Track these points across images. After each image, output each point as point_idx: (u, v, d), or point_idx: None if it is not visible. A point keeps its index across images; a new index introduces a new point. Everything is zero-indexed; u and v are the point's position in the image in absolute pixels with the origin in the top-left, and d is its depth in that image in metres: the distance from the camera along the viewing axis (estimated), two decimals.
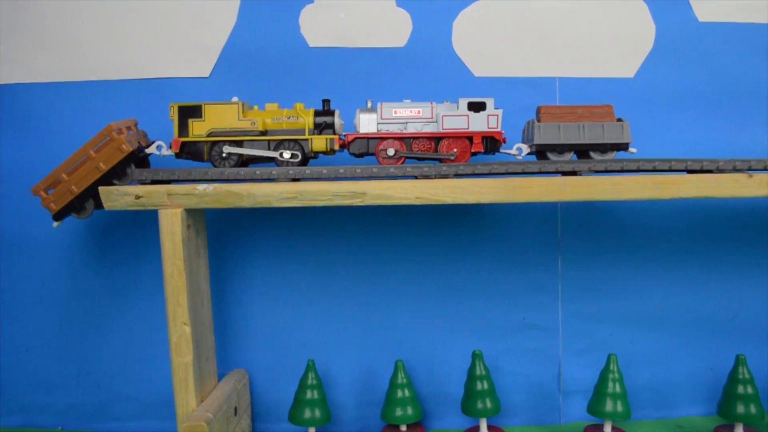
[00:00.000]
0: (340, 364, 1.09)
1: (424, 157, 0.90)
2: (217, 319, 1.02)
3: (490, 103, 0.90)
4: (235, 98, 0.91)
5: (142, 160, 0.92)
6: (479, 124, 0.90)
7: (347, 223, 1.08)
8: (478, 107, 0.90)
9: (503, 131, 0.90)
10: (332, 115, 0.91)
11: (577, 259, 1.09)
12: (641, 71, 1.08)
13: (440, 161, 0.90)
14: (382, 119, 0.90)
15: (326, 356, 1.08)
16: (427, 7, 1.07)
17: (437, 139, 0.90)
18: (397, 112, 0.90)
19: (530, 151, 0.92)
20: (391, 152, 0.90)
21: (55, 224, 0.91)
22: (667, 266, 1.10)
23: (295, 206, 0.85)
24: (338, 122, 0.91)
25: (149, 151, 0.91)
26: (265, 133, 0.90)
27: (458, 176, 0.87)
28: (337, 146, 0.90)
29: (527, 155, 0.92)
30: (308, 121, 0.90)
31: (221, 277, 1.08)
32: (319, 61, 1.07)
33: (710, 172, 0.87)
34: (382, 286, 1.09)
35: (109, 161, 0.87)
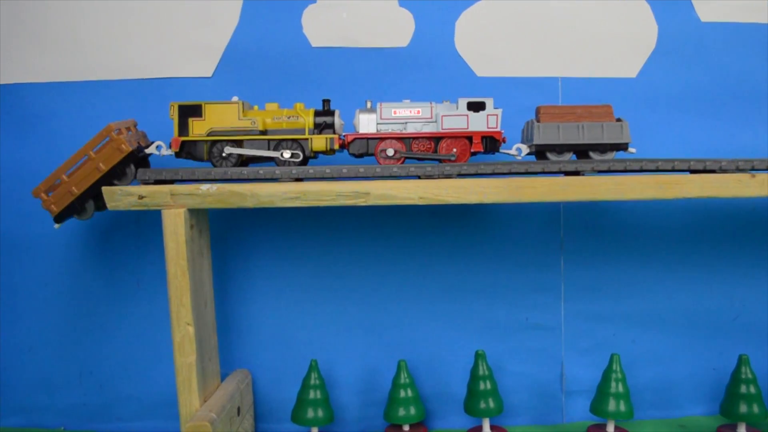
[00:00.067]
0: (343, 364, 1.09)
1: (423, 157, 0.90)
2: (220, 319, 1.02)
3: (489, 102, 0.90)
4: (235, 98, 0.91)
5: (141, 160, 0.92)
6: (479, 123, 0.89)
7: (350, 223, 1.08)
8: (477, 107, 0.89)
9: (503, 131, 0.90)
10: (332, 115, 0.91)
11: (579, 258, 1.09)
12: (643, 71, 1.08)
13: (440, 161, 0.90)
14: (381, 119, 0.90)
15: (329, 356, 1.08)
16: (429, 7, 1.07)
17: (437, 139, 0.90)
18: (396, 112, 0.90)
19: (530, 151, 0.91)
20: (390, 152, 0.90)
21: (56, 226, 0.91)
22: (669, 266, 1.09)
23: (298, 206, 0.85)
24: (338, 122, 0.91)
25: (149, 151, 0.91)
26: (265, 132, 0.90)
27: (461, 176, 0.87)
28: (336, 146, 0.90)
29: (527, 155, 0.92)
30: (308, 120, 0.90)
31: (224, 277, 1.08)
32: (321, 61, 1.07)
33: (713, 172, 0.87)
34: (385, 286, 1.09)
35: (109, 161, 0.87)
